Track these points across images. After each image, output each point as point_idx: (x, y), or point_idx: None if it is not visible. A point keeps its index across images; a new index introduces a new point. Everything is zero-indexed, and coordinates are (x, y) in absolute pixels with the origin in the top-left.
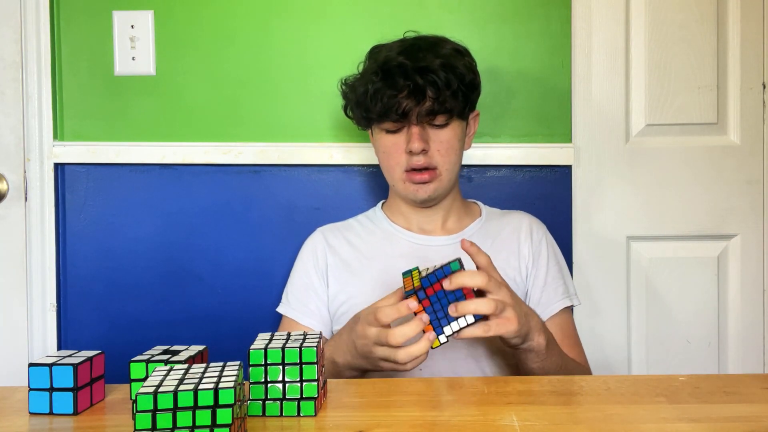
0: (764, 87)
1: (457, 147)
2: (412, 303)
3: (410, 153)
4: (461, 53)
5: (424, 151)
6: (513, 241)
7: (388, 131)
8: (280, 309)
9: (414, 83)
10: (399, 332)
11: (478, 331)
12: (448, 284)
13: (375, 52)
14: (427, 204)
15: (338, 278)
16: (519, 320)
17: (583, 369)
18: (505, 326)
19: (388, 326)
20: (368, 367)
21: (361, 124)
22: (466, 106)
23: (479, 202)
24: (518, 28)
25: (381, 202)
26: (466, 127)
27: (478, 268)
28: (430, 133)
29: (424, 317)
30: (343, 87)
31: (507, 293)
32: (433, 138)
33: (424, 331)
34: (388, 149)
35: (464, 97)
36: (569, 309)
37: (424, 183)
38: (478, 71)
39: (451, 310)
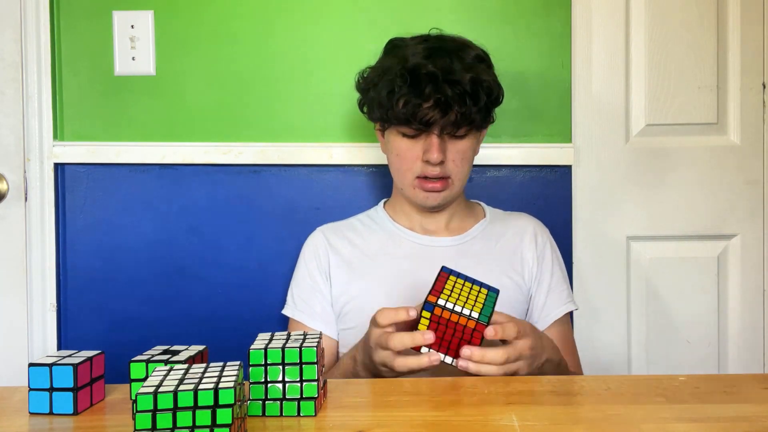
0: (764, 87)
1: (471, 156)
2: (412, 311)
3: (426, 162)
4: (486, 63)
5: (441, 162)
6: (516, 245)
7: (405, 135)
8: (285, 311)
9: (444, 95)
10: (398, 338)
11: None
12: (464, 366)
13: (396, 46)
14: (434, 210)
15: (340, 278)
16: (528, 368)
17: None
18: (513, 372)
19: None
20: (372, 370)
21: (377, 121)
22: (486, 121)
23: (482, 203)
24: (518, 28)
25: (383, 201)
26: (481, 133)
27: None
28: (447, 144)
29: (427, 335)
30: (362, 82)
31: (527, 357)
32: (450, 148)
33: (429, 348)
34: (402, 153)
35: (488, 110)
36: (569, 314)
37: (435, 191)
38: (500, 82)
39: (461, 365)
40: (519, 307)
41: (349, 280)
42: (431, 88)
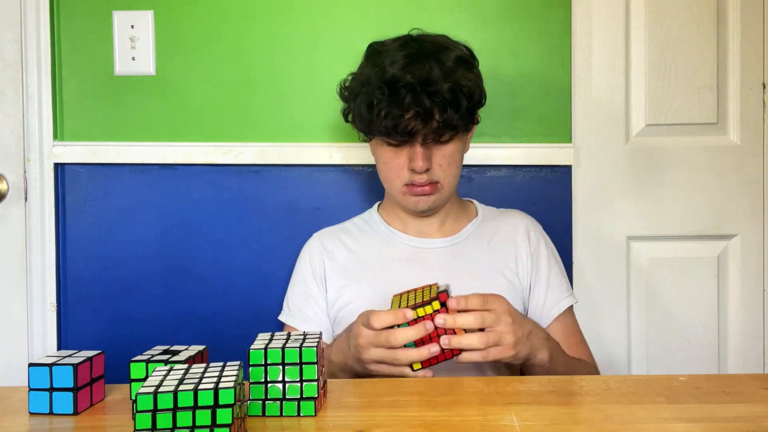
0: (764, 87)
1: (459, 159)
2: (410, 312)
3: (412, 171)
4: (468, 63)
5: (427, 170)
6: (509, 242)
7: (390, 144)
8: (281, 317)
9: (423, 107)
10: (401, 334)
11: (476, 356)
12: (441, 322)
13: (376, 51)
14: (426, 214)
15: (335, 283)
16: (516, 346)
17: (590, 367)
18: (501, 353)
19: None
20: (359, 370)
21: (361, 131)
22: (470, 123)
23: (475, 201)
24: (518, 29)
25: (377, 204)
26: (467, 134)
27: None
28: (432, 149)
29: (428, 324)
30: (344, 91)
31: (507, 322)
32: (436, 153)
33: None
34: (389, 162)
35: (470, 114)
36: (571, 307)
37: (425, 195)
38: (482, 82)
39: (444, 342)
40: (514, 305)
41: (345, 284)
42: (410, 99)
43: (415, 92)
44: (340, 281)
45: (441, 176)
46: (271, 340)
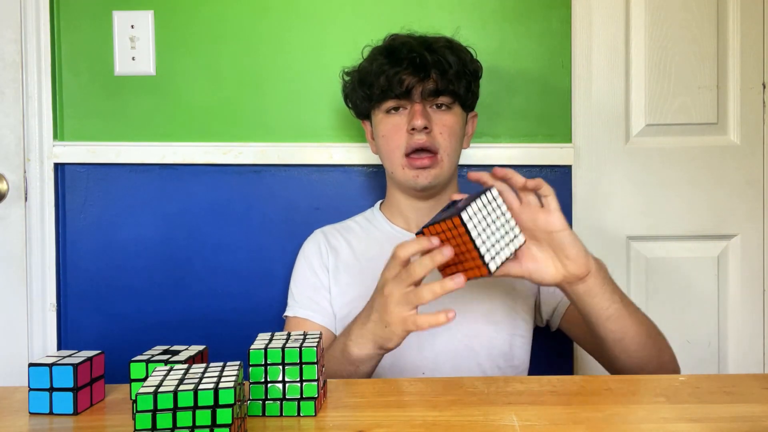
0: (764, 87)
1: (459, 134)
2: (435, 239)
3: (412, 131)
4: (462, 46)
5: (426, 129)
6: None
7: (389, 111)
8: (288, 312)
9: (420, 57)
10: (418, 264)
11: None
12: (529, 184)
13: (377, 44)
14: (426, 192)
15: (339, 280)
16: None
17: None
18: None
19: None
20: (383, 336)
21: (362, 108)
22: (468, 93)
23: None
24: (518, 28)
25: (379, 203)
26: (465, 125)
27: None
28: (432, 115)
29: (446, 251)
30: (345, 76)
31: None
32: (436, 120)
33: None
34: (389, 132)
35: (467, 81)
36: None
37: (424, 168)
38: (479, 63)
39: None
40: (522, 301)
41: (348, 282)
42: (406, 54)
43: (411, 48)
44: (344, 278)
45: (442, 145)
46: (271, 340)
